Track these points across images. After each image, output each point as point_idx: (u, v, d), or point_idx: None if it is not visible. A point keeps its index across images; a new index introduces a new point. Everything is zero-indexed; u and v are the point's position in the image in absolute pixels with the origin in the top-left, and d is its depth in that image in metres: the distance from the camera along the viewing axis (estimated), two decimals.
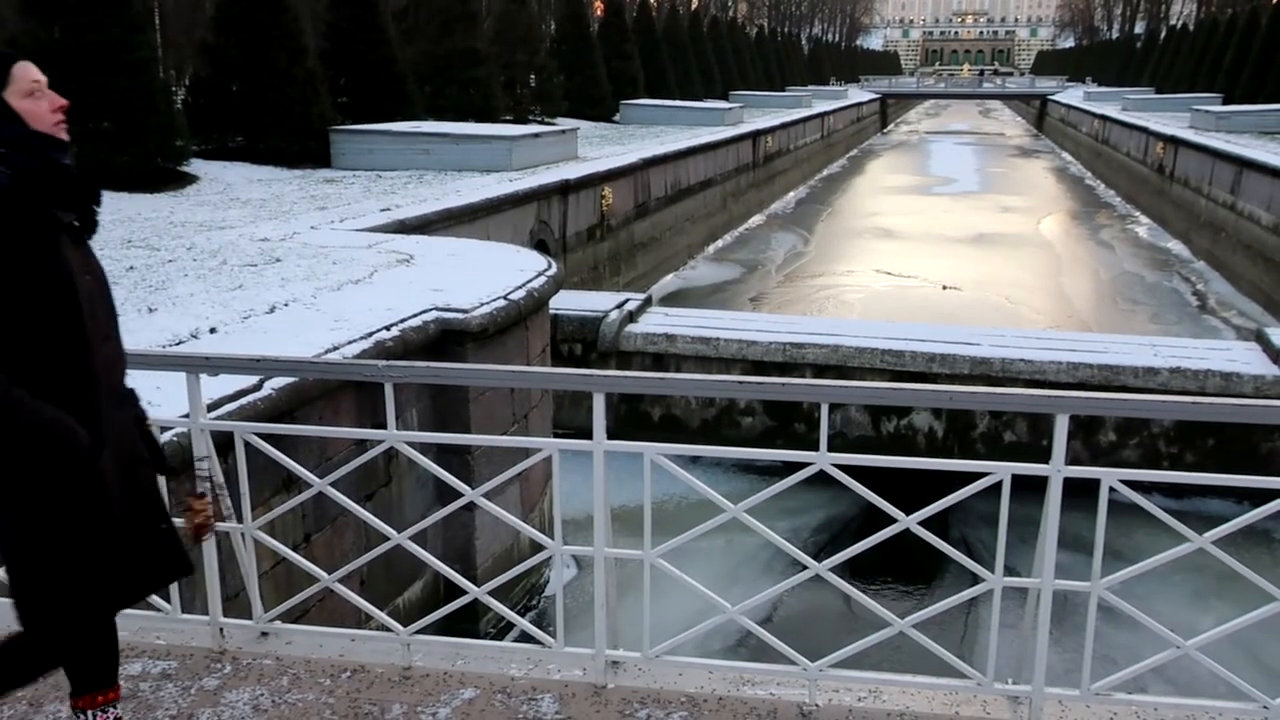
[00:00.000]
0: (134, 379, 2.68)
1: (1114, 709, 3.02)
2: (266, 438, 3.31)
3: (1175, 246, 27.32)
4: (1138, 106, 43.44)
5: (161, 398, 5.01)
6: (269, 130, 17.88)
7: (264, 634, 3.40)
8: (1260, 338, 10.86)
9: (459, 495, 3.22)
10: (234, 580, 4.42)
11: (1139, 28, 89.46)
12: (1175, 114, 36.28)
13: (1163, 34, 69.17)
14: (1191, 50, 52.20)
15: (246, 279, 8.53)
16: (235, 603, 4.38)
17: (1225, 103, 37.11)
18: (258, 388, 5.45)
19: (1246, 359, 10.39)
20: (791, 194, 38.46)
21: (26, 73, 2.36)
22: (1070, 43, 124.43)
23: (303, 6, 23.43)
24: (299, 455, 5.38)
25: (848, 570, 6.89)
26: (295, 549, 5.57)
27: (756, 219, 32.21)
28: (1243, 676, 3.06)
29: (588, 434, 3.05)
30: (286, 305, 7.52)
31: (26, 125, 2.33)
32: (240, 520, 3.28)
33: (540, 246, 15.51)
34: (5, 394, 2.22)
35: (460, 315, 7.31)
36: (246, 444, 3.26)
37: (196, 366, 3.22)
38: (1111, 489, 2.91)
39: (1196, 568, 3.62)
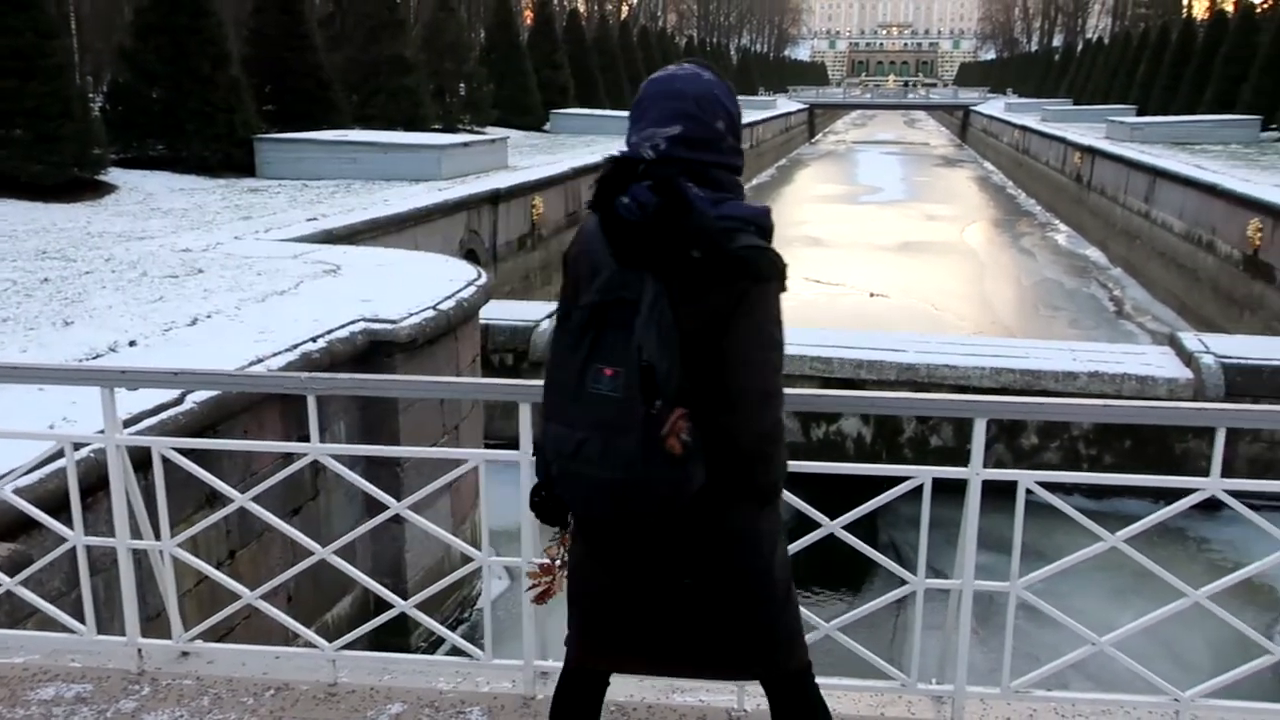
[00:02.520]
0: (49, 394, 2.62)
1: (1033, 706, 3.09)
2: (187, 453, 3.24)
3: (1093, 253, 28.07)
4: (1056, 117, 44.59)
5: (78, 413, 4.89)
6: (191, 138, 17.52)
7: (184, 654, 3.33)
8: (1173, 342, 11.20)
9: (387, 508, 3.19)
10: (155, 600, 4.32)
11: (1057, 41, 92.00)
12: (1092, 125, 37.31)
13: (1079, 47, 71.22)
14: (1107, 63, 53.79)
15: (167, 291, 8.35)
16: (157, 623, 4.29)
17: (1139, 114, 38.30)
18: (179, 402, 5.33)
19: (1161, 363, 10.71)
20: None
21: None
22: (992, 55, 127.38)
23: (225, 12, 23.02)
24: (223, 470, 5.28)
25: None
26: (219, 566, 5.47)
27: None
28: (1159, 669, 3.16)
29: (518, 444, 3.04)
30: (209, 317, 7.37)
31: None
32: (158, 537, 3.21)
33: (470, 256, 15.42)
34: None
35: (389, 326, 7.24)
36: (166, 459, 3.19)
37: (112, 380, 3.14)
38: (1029, 491, 2.99)
39: (1116, 566, 3.72)
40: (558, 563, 2.45)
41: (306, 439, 3.12)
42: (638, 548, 2.26)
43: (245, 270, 9.20)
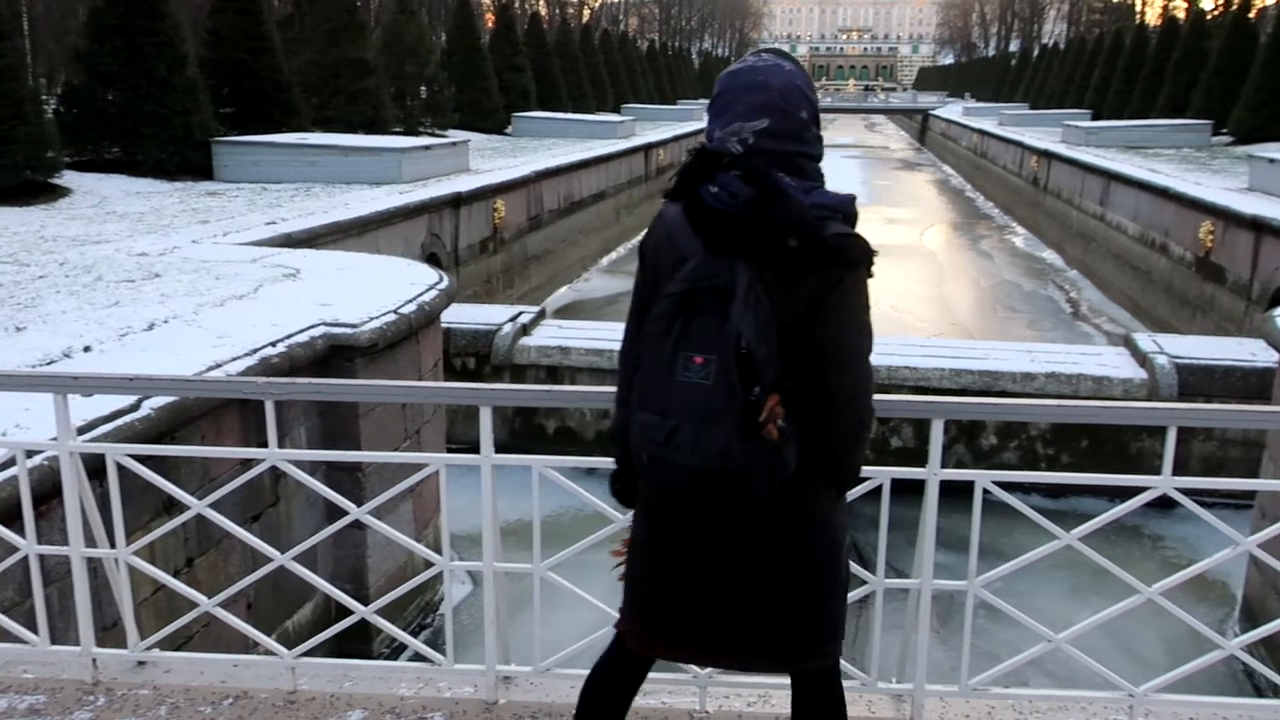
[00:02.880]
0: (1, 401, 2.58)
1: (992, 703, 3.13)
2: (143, 459, 3.20)
3: (1050, 256, 28.43)
4: (1013, 121, 45.13)
5: (31, 420, 4.82)
6: (147, 141, 17.28)
7: (141, 663, 3.28)
8: (1128, 342, 11.39)
9: (348, 514, 3.17)
10: (112, 609, 4.27)
11: (1014, 46, 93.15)
12: (1048, 129, 37.79)
13: (1036, 53, 72.10)
14: (1062, 68, 54.52)
15: (123, 295, 8.24)
16: (113, 633, 4.23)
17: (1094, 118, 38.86)
18: (135, 408, 5.26)
19: (1116, 363, 10.88)
20: None
21: None
22: (950, 60, 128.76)
23: (182, 13, 22.74)
24: (181, 477, 5.23)
25: None
26: (177, 574, 5.41)
27: None
28: (1116, 665, 3.21)
29: (479, 448, 3.04)
30: (166, 322, 7.28)
31: None
32: (114, 545, 3.17)
33: (432, 260, 15.34)
34: None
35: (349, 330, 7.19)
36: (122, 466, 3.15)
37: (65, 386, 3.10)
38: (986, 490, 3.03)
39: (1074, 564, 3.78)
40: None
41: (266, 445, 3.09)
42: (716, 535, 2.27)
43: (203, 274, 9.10)
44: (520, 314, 12.06)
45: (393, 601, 3.35)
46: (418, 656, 3.38)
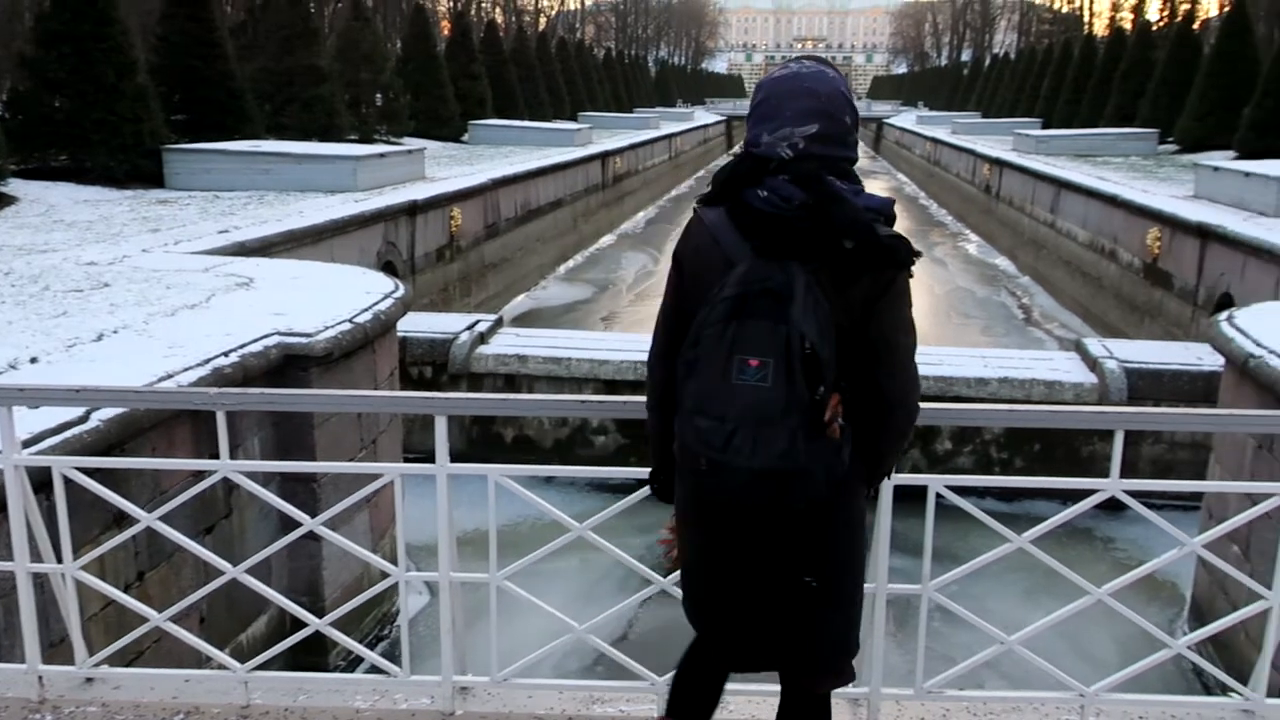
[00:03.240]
0: None
1: (946, 705, 3.16)
2: (92, 472, 3.14)
3: (1002, 263, 28.81)
4: (966, 130, 45.74)
5: None
6: (95, 148, 17.00)
7: (89, 680, 3.22)
8: (1079, 347, 11.56)
9: (302, 525, 3.13)
10: (60, 625, 4.18)
11: (966, 55, 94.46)
12: (1000, 137, 38.34)
13: (987, 62, 73.18)
14: (1013, 78, 55.35)
15: (71, 305, 8.09)
16: (61, 649, 4.15)
17: (1044, 127, 39.47)
18: (84, 419, 5.17)
19: (1067, 368, 11.04)
20: (641, 214, 38.92)
21: None
22: (904, 69, 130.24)
23: (132, 20, 22.42)
24: (131, 489, 5.14)
25: None
26: (127, 588, 5.32)
27: (607, 239, 32.45)
28: (1068, 666, 3.26)
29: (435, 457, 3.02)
30: (116, 332, 7.16)
31: None
32: (61, 560, 3.11)
33: (388, 268, 15.24)
34: None
35: (304, 339, 7.11)
36: (69, 479, 3.09)
37: (10, 398, 3.04)
38: (939, 495, 3.06)
39: (1028, 566, 3.83)
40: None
41: (218, 456, 3.05)
42: (767, 539, 2.28)
43: (154, 284, 8.97)
44: (477, 322, 12.01)
45: (349, 613, 3.32)
46: (374, 669, 3.35)
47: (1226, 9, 36.70)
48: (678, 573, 3.18)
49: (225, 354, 6.55)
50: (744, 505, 2.21)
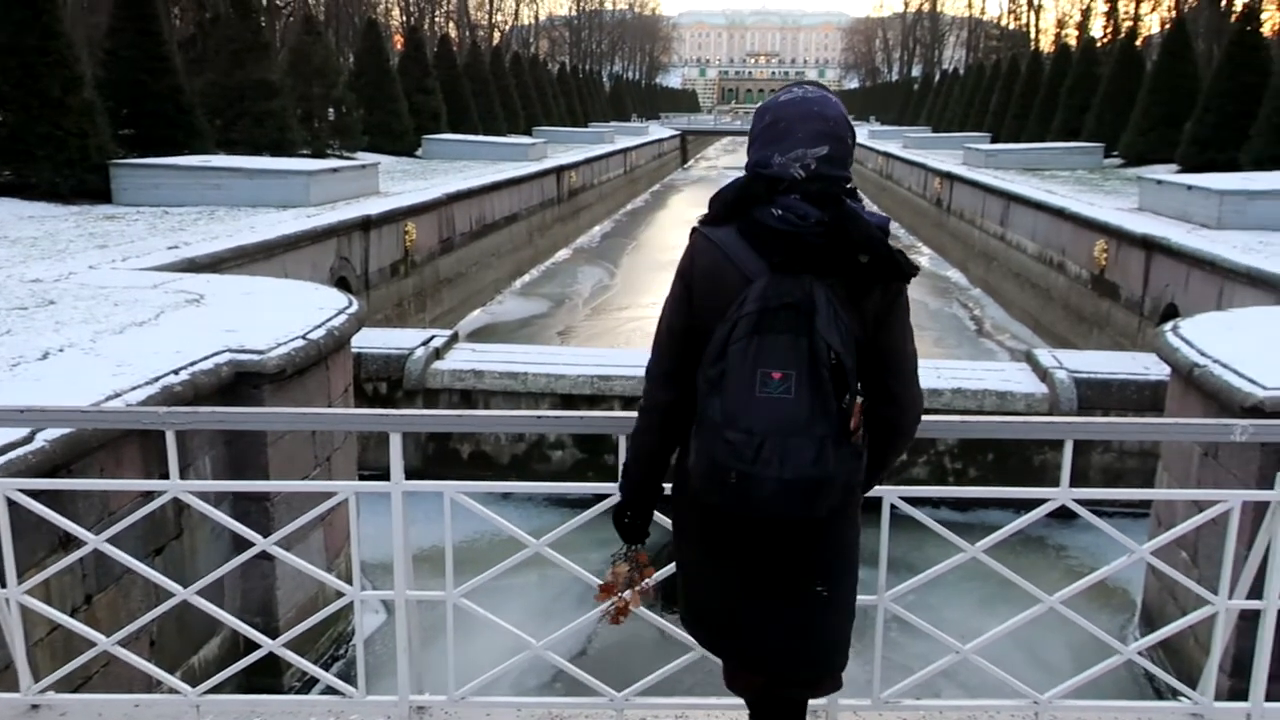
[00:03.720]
0: None
1: (903, 715, 3.19)
2: (36, 494, 3.08)
3: (954, 275, 29.18)
4: (917, 144, 46.32)
5: None
6: (40, 163, 16.69)
7: (34, 706, 3.15)
8: (1030, 358, 11.73)
9: (254, 545, 3.09)
10: (3, 651, 4.08)
11: (916, 71, 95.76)
12: (950, 151, 38.88)
13: (937, 77, 74.24)
14: (963, 93, 56.19)
15: (15, 324, 7.93)
16: (6, 675, 4.05)
17: (993, 141, 40.11)
18: (28, 440, 5.05)
19: (1018, 378, 11.19)
20: (597, 228, 38.95)
21: None
22: (855, 84, 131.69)
23: (78, 33, 22.12)
24: (79, 511, 5.04)
25: (659, 598, 6.96)
26: (74, 612, 5.20)
27: (563, 253, 32.44)
28: (1023, 674, 3.29)
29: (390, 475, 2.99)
30: (62, 351, 7.03)
31: None
32: (4, 584, 3.04)
33: (342, 284, 15.11)
34: None
35: (256, 357, 7.02)
36: (13, 501, 3.03)
37: None
38: (894, 505, 3.09)
39: (983, 575, 3.87)
40: (624, 579, 2.60)
41: (168, 476, 3.01)
42: (784, 550, 2.36)
43: (101, 301, 8.81)
44: (432, 337, 11.93)
45: (303, 633, 3.28)
46: (329, 689, 3.31)
47: (1167, 27, 37.56)
48: (640, 587, 3.19)
49: (175, 372, 6.45)
50: (772, 515, 2.26)
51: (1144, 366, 10.78)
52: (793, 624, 2.40)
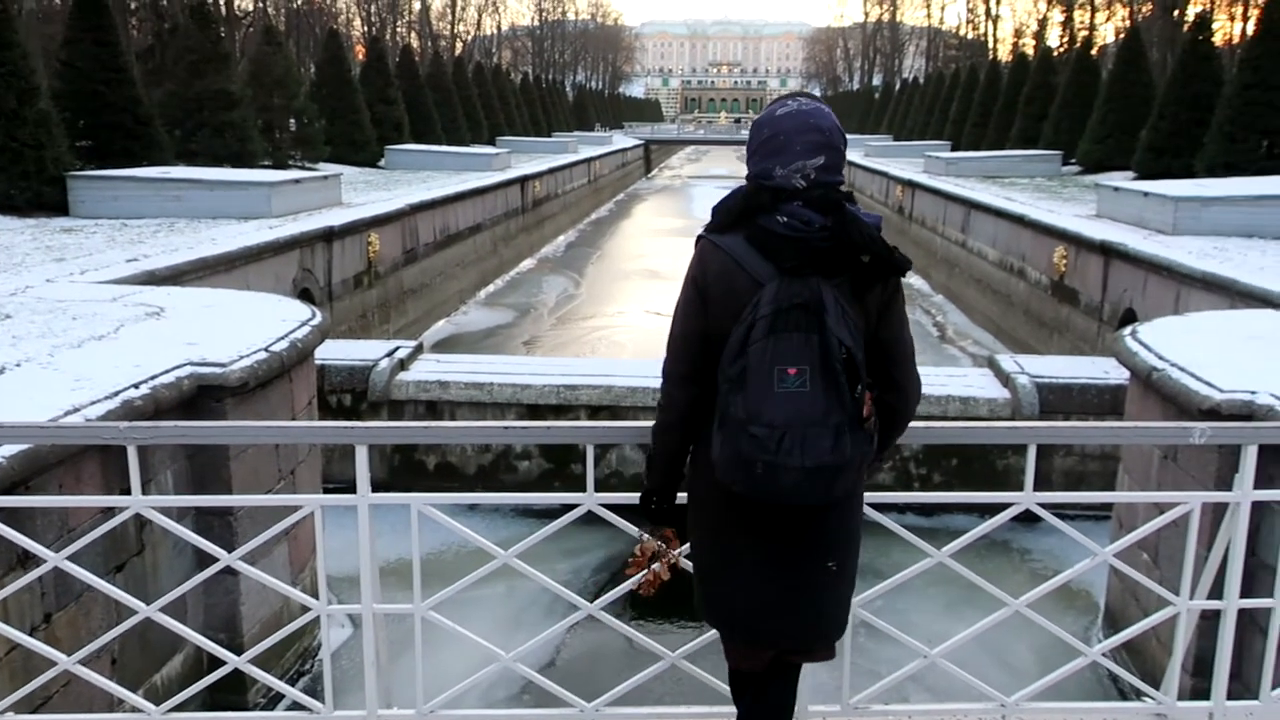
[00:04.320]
0: None
1: None
2: None
3: (917, 282, 29.42)
4: (878, 153, 46.70)
5: None
6: None
7: None
8: (992, 364, 11.84)
9: (217, 560, 3.05)
10: None
11: (877, 80, 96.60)
12: (911, 159, 39.23)
13: (898, 87, 74.94)
14: (923, 102, 56.78)
15: None
16: None
17: (953, 149, 40.54)
18: None
19: (981, 384, 11.29)
20: (561, 238, 38.93)
21: None
22: (817, 93, 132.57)
23: (33, 43, 21.82)
24: (37, 528, 4.96)
25: (627, 607, 6.98)
26: (33, 631, 5.11)
27: (528, 263, 32.38)
28: (991, 677, 3.32)
29: (356, 487, 2.97)
30: (19, 365, 6.91)
31: None
32: None
33: (305, 295, 14.99)
34: None
35: (218, 370, 6.94)
36: None
37: None
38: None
39: (949, 580, 3.90)
40: (652, 553, 2.78)
41: (129, 491, 2.97)
42: (804, 532, 2.56)
43: (59, 315, 8.68)
44: (397, 349, 11.86)
45: (269, 649, 3.24)
46: (296, 705, 3.28)
47: (1122, 36, 38.19)
48: (604, 597, 3.18)
49: (135, 386, 6.36)
50: (796, 501, 2.46)
51: (1104, 371, 10.91)
52: (808, 599, 2.60)
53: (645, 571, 2.80)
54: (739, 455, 2.41)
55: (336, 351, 11.39)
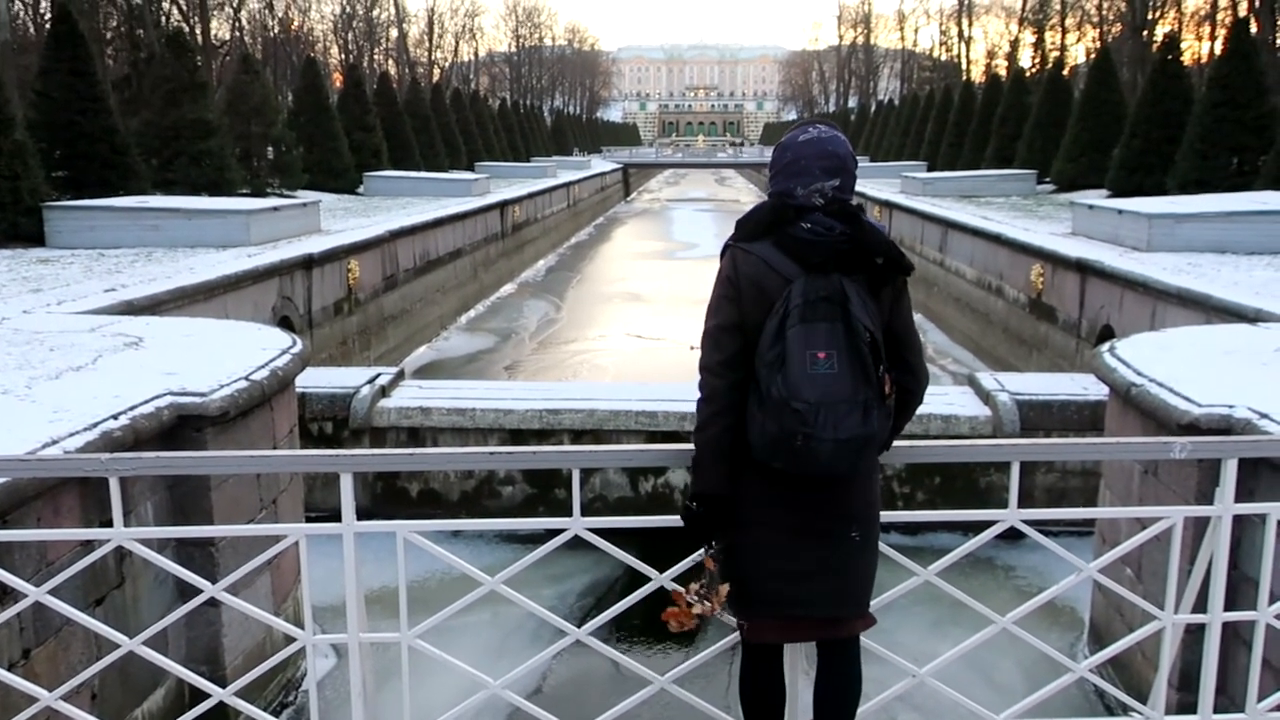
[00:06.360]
0: None
1: None
2: None
3: None
4: None
5: None
6: None
7: None
8: (972, 382, 11.89)
9: (200, 592, 3.03)
10: None
11: (853, 102, 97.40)
12: (887, 180, 39.51)
13: (873, 108, 75.59)
14: (898, 123, 57.25)
15: None
16: None
17: (929, 170, 40.87)
18: None
19: (962, 402, 11.33)
20: (542, 262, 38.95)
21: None
22: (793, 115, 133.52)
23: (8, 74, 21.74)
24: (15, 562, 4.90)
25: (614, 632, 6.94)
26: (12, 667, 5.04)
27: (508, 288, 32.37)
28: (978, 694, 3.33)
29: (340, 515, 2.95)
30: None
31: None
32: None
33: (284, 323, 14.93)
34: None
35: (198, 399, 6.90)
36: None
37: None
38: None
39: (934, 598, 3.91)
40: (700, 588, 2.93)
41: (109, 524, 2.94)
42: (835, 501, 2.91)
43: (36, 346, 8.61)
44: (378, 375, 11.82)
45: (252, 681, 3.21)
46: None
47: (1093, 56, 38.67)
48: (591, 622, 3.17)
49: (114, 416, 6.31)
50: (829, 472, 2.81)
51: (1083, 387, 10.98)
52: (837, 566, 2.93)
53: (703, 604, 2.91)
54: (782, 429, 2.73)
55: (317, 379, 11.33)
